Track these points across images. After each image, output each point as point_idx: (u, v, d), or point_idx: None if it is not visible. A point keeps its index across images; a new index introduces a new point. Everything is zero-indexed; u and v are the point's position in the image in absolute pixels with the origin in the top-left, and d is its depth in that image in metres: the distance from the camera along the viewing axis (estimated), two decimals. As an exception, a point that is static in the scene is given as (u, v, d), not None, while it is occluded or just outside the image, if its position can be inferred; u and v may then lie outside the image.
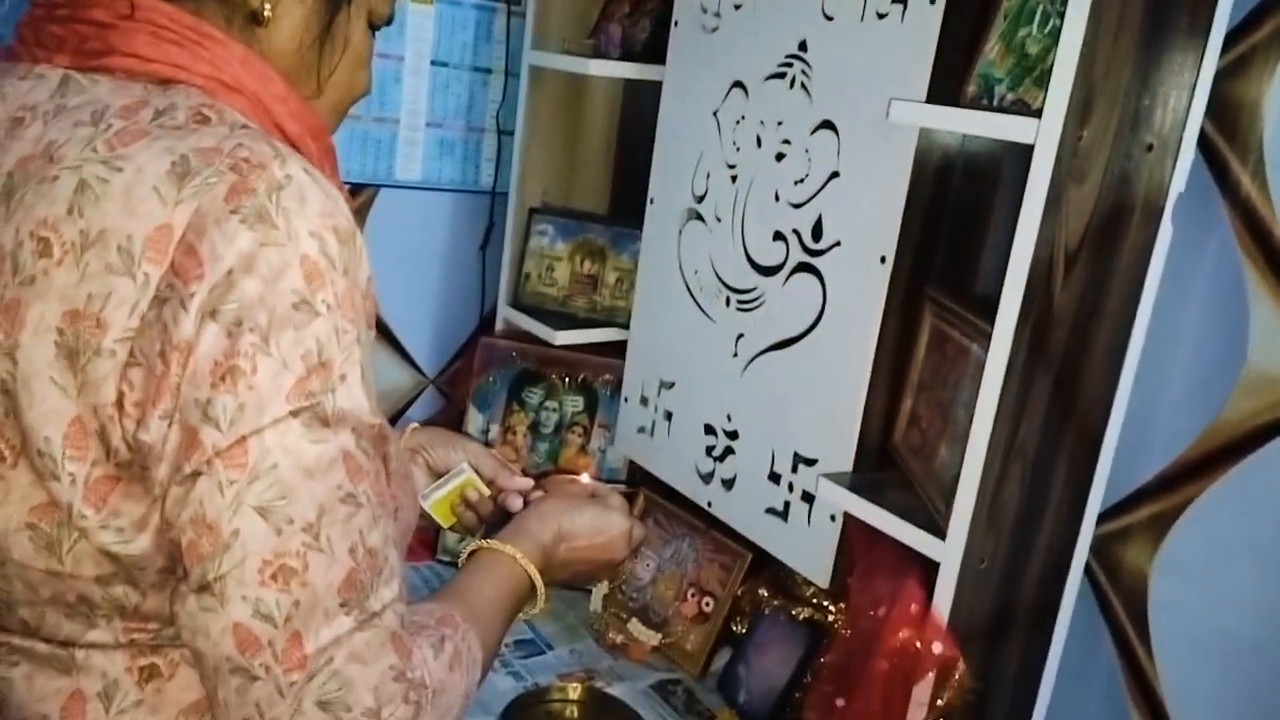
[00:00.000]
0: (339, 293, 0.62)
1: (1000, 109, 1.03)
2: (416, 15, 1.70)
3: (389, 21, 0.82)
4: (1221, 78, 1.01)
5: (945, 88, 1.11)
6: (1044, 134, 0.93)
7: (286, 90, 0.72)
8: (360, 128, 1.69)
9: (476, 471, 1.04)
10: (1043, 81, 0.99)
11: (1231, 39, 1.02)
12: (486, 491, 1.04)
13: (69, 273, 0.60)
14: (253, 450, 0.59)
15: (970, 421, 1.02)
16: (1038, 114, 0.96)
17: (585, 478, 1.09)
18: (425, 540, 1.66)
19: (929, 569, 1.06)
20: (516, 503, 1.01)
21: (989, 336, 1.00)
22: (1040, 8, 1.03)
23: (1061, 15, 0.98)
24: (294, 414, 0.60)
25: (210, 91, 0.68)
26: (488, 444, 1.74)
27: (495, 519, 1.03)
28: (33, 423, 0.61)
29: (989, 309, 1.01)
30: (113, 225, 0.60)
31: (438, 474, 1.04)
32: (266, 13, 0.71)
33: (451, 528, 1.05)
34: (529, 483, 1.03)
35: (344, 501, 0.62)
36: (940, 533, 1.03)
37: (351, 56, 0.78)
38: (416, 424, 1.08)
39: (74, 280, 0.60)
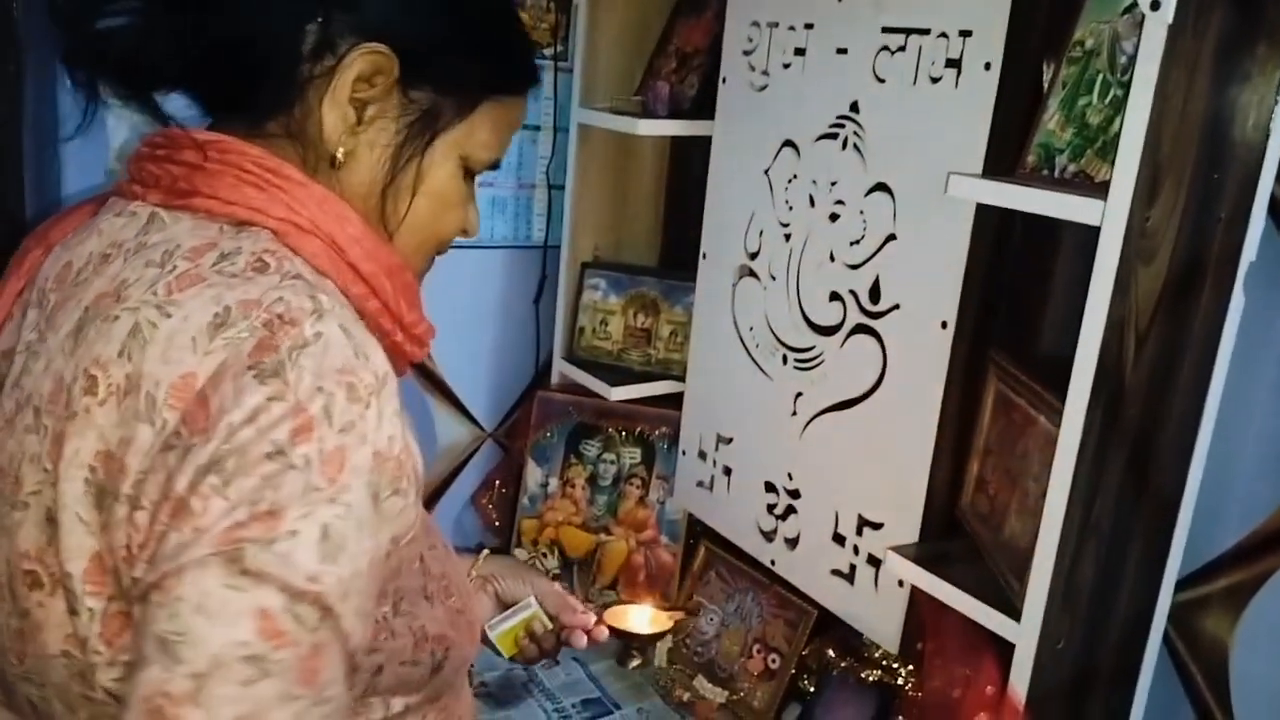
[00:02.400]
0: (325, 450, 0.59)
1: (1062, 180, 1.02)
2: (464, 78, 1.71)
3: (494, 166, 0.81)
4: (1291, 142, 0.99)
5: (1003, 155, 1.09)
6: (1110, 216, 0.91)
7: (362, 230, 0.73)
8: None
9: (541, 606, 1.06)
10: (1106, 153, 0.97)
11: (1300, 102, 0.99)
12: (550, 626, 1.06)
13: (109, 414, 0.61)
14: (171, 585, 0.57)
15: (1040, 495, 1.00)
16: (1102, 189, 0.94)
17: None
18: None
19: (1001, 640, 1.05)
20: (581, 640, 1.05)
21: (1056, 409, 0.99)
22: (1100, 77, 1.01)
23: (1124, 86, 0.96)
24: (214, 554, 0.57)
25: (282, 234, 0.69)
26: (547, 496, 1.76)
27: (556, 653, 1.07)
28: (62, 555, 0.62)
29: (1054, 374, 1.00)
30: (149, 371, 0.61)
31: (505, 604, 1.07)
32: (339, 156, 0.73)
33: (513, 658, 1.07)
34: (592, 618, 1.06)
35: (245, 662, 0.56)
36: (1015, 613, 1.02)
37: (435, 200, 0.77)
38: (489, 550, 1.10)
39: (112, 422, 0.61)
